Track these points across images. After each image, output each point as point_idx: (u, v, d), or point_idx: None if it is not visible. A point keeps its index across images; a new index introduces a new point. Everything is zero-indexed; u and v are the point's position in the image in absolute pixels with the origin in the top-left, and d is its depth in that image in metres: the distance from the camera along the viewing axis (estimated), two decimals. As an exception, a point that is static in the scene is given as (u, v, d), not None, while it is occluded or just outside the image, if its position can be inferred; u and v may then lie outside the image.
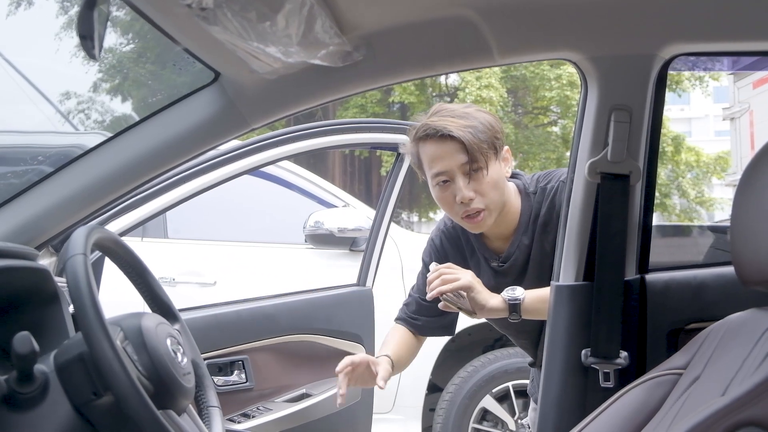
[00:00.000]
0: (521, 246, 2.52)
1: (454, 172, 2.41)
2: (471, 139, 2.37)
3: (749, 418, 1.33)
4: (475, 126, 2.39)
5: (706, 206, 22.28)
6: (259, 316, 3.02)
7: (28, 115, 5.99)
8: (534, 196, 2.53)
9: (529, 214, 2.52)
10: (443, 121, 2.40)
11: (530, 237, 2.51)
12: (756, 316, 1.65)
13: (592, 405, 1.90)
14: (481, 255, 2.59)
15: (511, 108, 19.43)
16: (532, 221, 2.51)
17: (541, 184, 2.54)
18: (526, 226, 2.51)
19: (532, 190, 2.54)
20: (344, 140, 3.17)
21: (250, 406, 2.99)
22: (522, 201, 2.53)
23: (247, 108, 1.96)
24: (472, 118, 2.41)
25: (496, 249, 2.58)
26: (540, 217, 2.50)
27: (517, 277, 2.53)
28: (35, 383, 1.58)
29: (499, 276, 2.56)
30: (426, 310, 2.71)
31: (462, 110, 2.44)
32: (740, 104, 20.09)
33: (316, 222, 5.12)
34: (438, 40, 1.90)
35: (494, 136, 2.42)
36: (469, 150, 2.37)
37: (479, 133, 2.38)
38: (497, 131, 2.44)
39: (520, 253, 2.53)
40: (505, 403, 5.27)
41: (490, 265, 2.57)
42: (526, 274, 2.53)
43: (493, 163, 2.42)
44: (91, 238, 1.65)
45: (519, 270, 2.54)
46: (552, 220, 2.47)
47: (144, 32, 14.44)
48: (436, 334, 2.82)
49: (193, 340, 1.94)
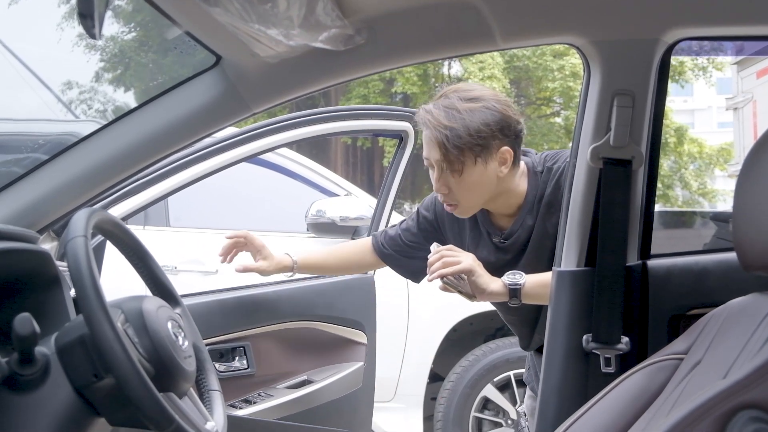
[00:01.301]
0: (525, 225, 2.52)
1: (431, 161, 2.43)
2: (444, 142, 2.35)
3: (750, 401, 1.33)
4: (454, 128, 2.34)
5: (709, 197, 22.27)
6: (261, 302, 3.02)
7: (26, 103, 5.99)
8: (540, 176, 2.52)
9: (534, 194, 2.51)
10: (430, 112, 2.39)
11: (534, 216, 2.51)
12: (758, 300, 1.65)
13: (593, 390, 1.89)
14: (485, 229, 2.58)
15: (514, 99, 19.38)
16: (537, 201, 2.51)
17: (548, 163, 2.53)
18: (532, 205, 2.51)
19: (539, 169, 2.53)
20: (345, 127, 3.16)
21: (251, 392, 2.98)
22: (529, 180, 2.53)
23: (249, 92, 1.96)
24: (462, 116, 2.36)
25: (500, 225, 2.58)
26: (545, 197, 2.50)
27: (516, 255, 2.53)
28: (36, 365, 1.59)
29: (499, 252, 2.56)
30: (401, 248, 2.77)
31: (465, 101, 2.39)
32: (743, 94, 20.04)
33: (318, 211, 5.11)
34: (440, 24, 1.90)
35: (479, 139, 2.35)
36: (441, 151, 2.37)
37: (455, 138, 2.34)
38: (487, 134, 2.37)
39: (523, 231, 2.52)
40: (506, 392, 5.27)
41: (492, 240, 2.57)
42: (526, 252, 2.53)
43: (471, 167, 2.39)
44: (92, 220, 1.65)
45: (519, 248, 2.54)
46: (556, 201, 2.46)
47: (146, 21, 14.41)
48: (398, 271, 2.84)
49: (194, 324, 1.94)
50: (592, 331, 2.08)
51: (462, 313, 5.20)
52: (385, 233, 2.83)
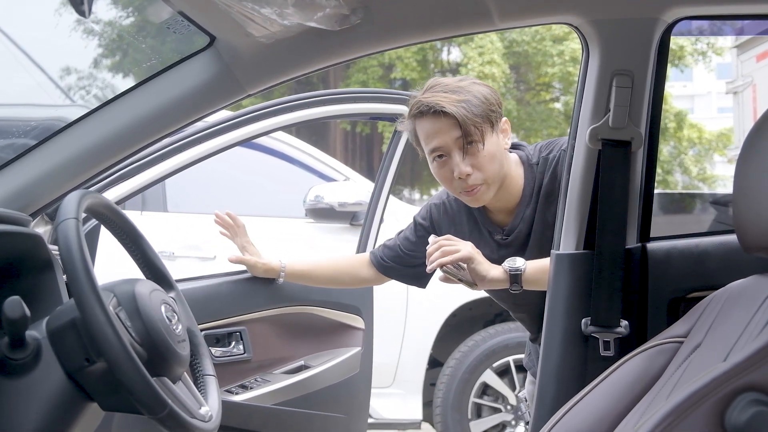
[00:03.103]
0: (525, 218, 2.50)
1: (449, 147, 2.39)
2: (464, 114, 2.35)
3: (750, 384, 1.31)
4: (468, 100, 2.37)
5: (708, 183, 22.27)
6: (258, 287, 3.00)
7: (20, 86, 5.96)
8: (536, 167, 2.50)
9: (532, 186, 2.49)
10: (436, 97, 2.38)
11: (533, 208, 2.49)
12: (758, 282, 1.63)
13: (593, 374, 1.89)
14: (485, 229, 2.57)
15: (513, 84, 19.36)
16: (536, 192, 2.49)
17: (543, 153, 2.52)
18: (530, 197, 2.49)
19: (534, 160, 2.51)
20: (342, 110, 3.14)
21: (247, 377, 2.97)
22: (525, 172, 2.51)
23: (243, 73, 1.94)
24: (465, 92, 2.39)
25: (500, 222, 2.56)
26: (543, 187, 2.48)
27: (519, 249, 2.52)
28: (27, 349, 1.57)
29: (502, 249, 2.54)
30: (401, 258, 2.77)
31: (456, 84, 2.42)
32: (743, 78, 19.98)
33: (317, 196, 5.11)
34: (437, 3, 1.87)
35: (489, 108, 2.40)
36: (463, 125, 2.35)
37: (473, 107, 2.36)
38: (493, 103, 2.41)
39: (523, 224, 2.51)
40: (505, 378, 5.28)
41: (494, 238, 2.55)
42: (528, 245, 2.51)
43: (490, 136, 2.40)
44: (84, 203, 1.63)
45: (522, 242, 2.52)
46: (554, 191, 2.44)
47: (143, 6, 14.37)
48: (403, 281, 2.84)
49: (188, 308, 1.93)
50: (591, 315, 2.07)
51: (461, 298, 5.20)
52: (383, 246, 2.82)
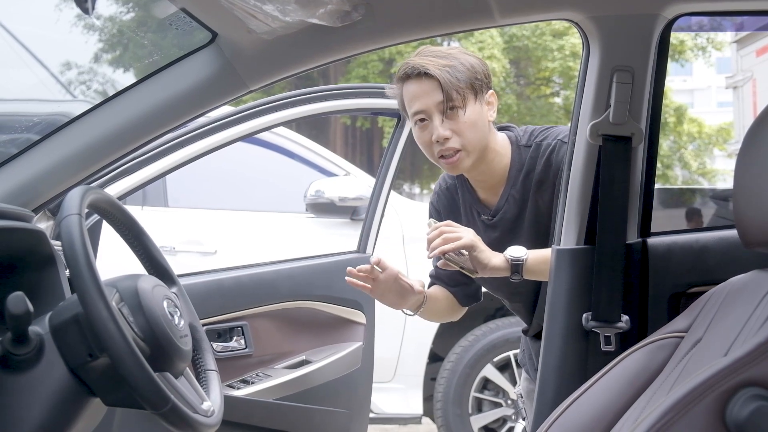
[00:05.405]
0: (511, 199, 2.49)
1: (431, 110, 2.39)
2: (447, 78, 2.36)
3: (751, 379, 1.32)
4: (453, 66, 2.39)
5: (708, 177, 22.27)
6: (259, 282, 3.01)
7: (22, 82, 5.96)
8: (527, 150, 2.50)
9: (520, 167, 2.49)
10: (423, 60, 2.40)
11: (522, 192, 2.48)
12: (758, 277, 1.64)
13: (593, 369, 1.89)
14: (473, 209, 2.57)
15: (513, 79, 19.37)
16: (524, 175, 2.48)
17: (537, 139, 2.50)
18: (516, 178, 2.49)
19: (524, 143, 2.51)
20: (343, 105, 3.14)
21: (249, 372, 2.97)
22: (512, 152, 2.50)
23: (245, 69, 1.94)
24: (452, 58, 2.41)
25: (487, 202, 2.56)
26: (535, 174, 2.47)
27: (508, 234, 2.51)
28: (30, 345, 1.58)
29: (489, 230, 2.52)
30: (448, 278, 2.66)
31: (445, 51, 2.45)
32: (743, 72, 19.99)
33: (317, 191, 5.11)
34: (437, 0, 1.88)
35: (474, 76, 2.41)
36: (445, 88, 2.36)
37: (457, 73, 2.38)
38: (478, 71, 2.42)
39: (509, 206, 2.50)
40: (506, 372, 5.28)
41: (480, 218, 2.55)
42: (521, 231, 2.50)
43: (472, 104, 2.40)
44: (86, 198, 1.63)
45: (509, 225, 2.51)
46: (548, 179, 2.44)
47: (144, 1, 14.36)
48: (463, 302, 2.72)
49: (190, 303, 1.93)
50: (592, 310, 2.07)
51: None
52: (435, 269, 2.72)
